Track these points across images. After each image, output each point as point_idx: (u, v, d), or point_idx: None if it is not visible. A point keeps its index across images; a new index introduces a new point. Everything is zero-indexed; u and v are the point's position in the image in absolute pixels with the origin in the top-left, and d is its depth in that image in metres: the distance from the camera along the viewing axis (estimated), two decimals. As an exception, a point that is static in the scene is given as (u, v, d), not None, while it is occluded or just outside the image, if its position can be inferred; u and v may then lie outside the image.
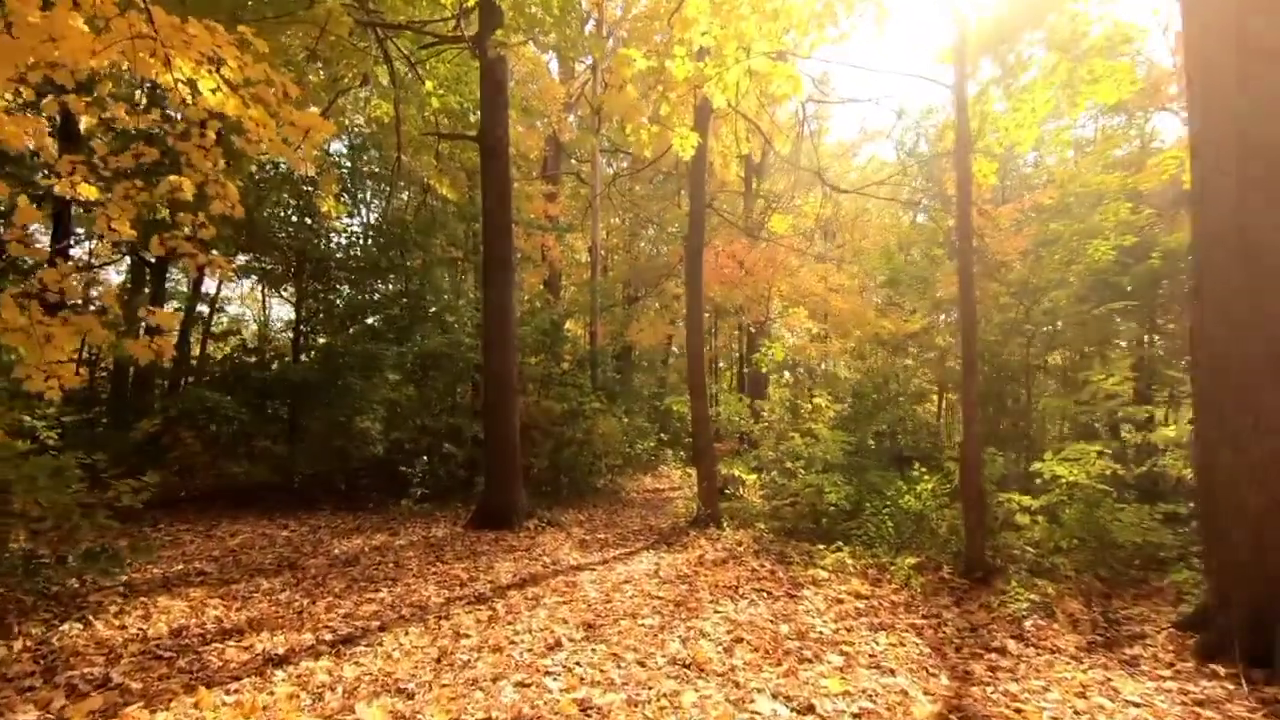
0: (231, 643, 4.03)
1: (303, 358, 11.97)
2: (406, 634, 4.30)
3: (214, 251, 5.16)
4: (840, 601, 5.18)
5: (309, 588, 5.42)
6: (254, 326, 18.69)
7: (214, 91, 4.06)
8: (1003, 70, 10.76)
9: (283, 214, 11.40)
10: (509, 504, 8.27)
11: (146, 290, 13.49)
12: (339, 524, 8.65)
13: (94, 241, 14.97)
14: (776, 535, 7.69)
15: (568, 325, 18.66)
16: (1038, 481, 6.68)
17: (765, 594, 5.35)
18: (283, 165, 11.44)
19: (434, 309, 13.07)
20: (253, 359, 11.98)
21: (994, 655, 4.11)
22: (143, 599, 4.93)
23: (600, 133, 17.59)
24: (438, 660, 3.84)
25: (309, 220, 11.43)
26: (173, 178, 4.78)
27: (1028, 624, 4.66)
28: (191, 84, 4.07)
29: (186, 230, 4.91)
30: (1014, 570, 5.84)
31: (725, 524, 8.17)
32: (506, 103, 8.82)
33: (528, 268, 19.70)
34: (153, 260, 12.19)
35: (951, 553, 6.40)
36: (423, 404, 12.13)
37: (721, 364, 28.41)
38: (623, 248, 24.62)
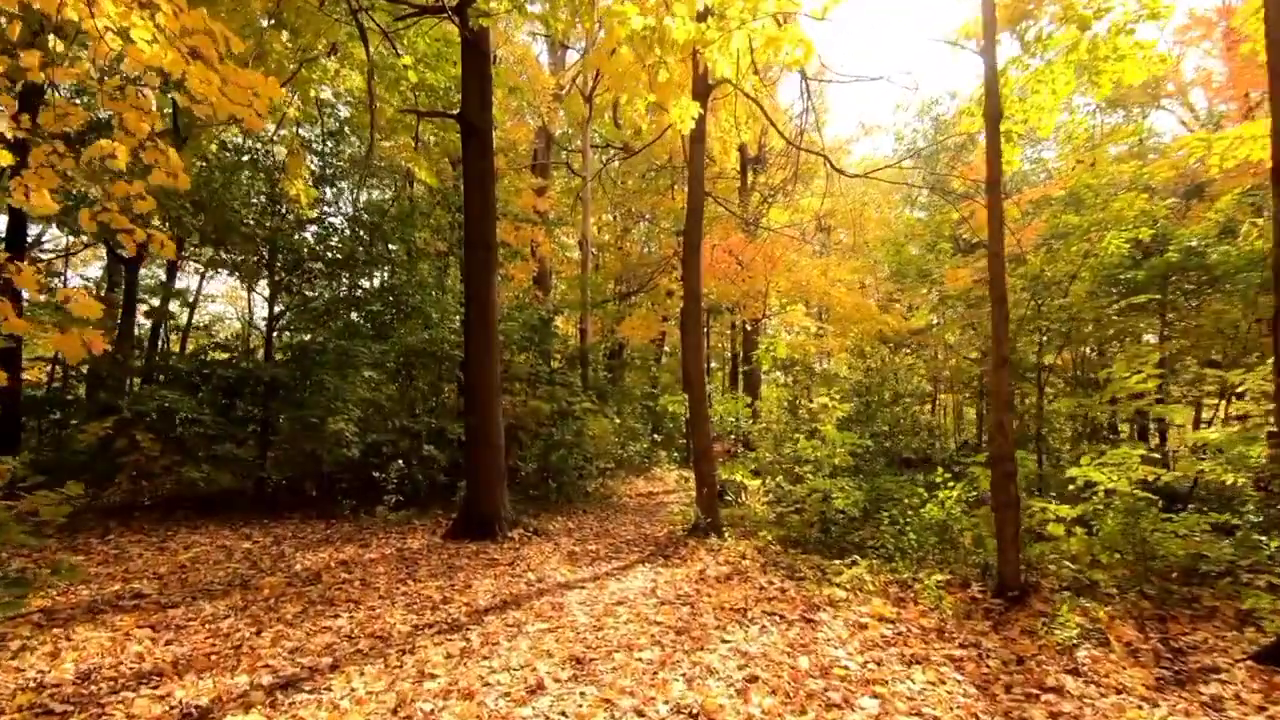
0: (147, 690, 3.36)
1: (277, 355, 11.27)
2: (362, 674, 3.64)
3: (178, 235, 4.46)
4: (863, 627, 4.57)
5: (258, 613, 4.75)
6: (237, 325, 17.91)
7: (150, 43, 3.40)
8: (1022, 47, 10.20)
9: (252, 201, 10.70)
10: (491, 512, 7.61)
11: (121, 286, 12.75)
12: (307, 534, 7.97)
13: (69, 236, 14.22)
14: (783, 546, 7.08)
15: (558, 323, 18.02)
16: (1069, 488, 6.12)
17: (778, 618, 4.73)
18: (250, 144, 10.75)
19: (417, 303, 12.40)
20: (222, 356, 11.26)
21: (1051, 696, 3.50)
22: (58, 630, 4.24)
23: (591, 125, 16.94)
24: (394, 712, 3.19)
25: (281, 208, 10.74)
26: (103, 142, 4.08)
27: (1080, 655, 4.07)
28: (123, 33, 3.41)
29: (118, 206, 4.23)
30: (1051, 588, 5.26)
31: (727, 533, 7.55)
32: (490, 79, 8.16)
33: (516, 263, 19.03)
34: (123, 254, 11.44)
35: (977, 567, 5.81)
36: (404, 404, 11.45)
37: (714, 364, 27.82)
38: (614, 244, 24.01)
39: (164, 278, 16.26)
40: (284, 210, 10.88)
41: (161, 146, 4.40)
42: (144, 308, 13.21)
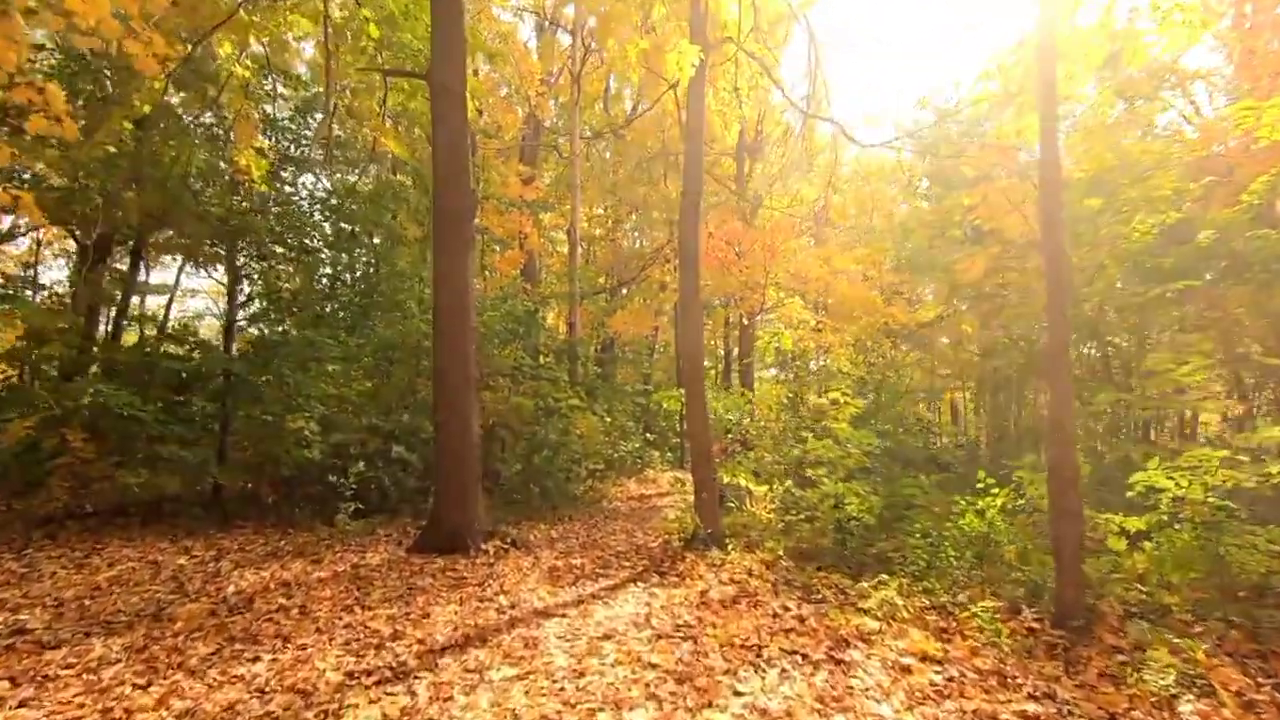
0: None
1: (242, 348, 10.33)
2: (263, 751, 2.76)
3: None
4: (906, 670, 3.71)
5: (158, 655, 3.84)
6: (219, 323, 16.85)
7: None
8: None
9: (206, 179, 9.75)
10: (463, 522, 6.72)
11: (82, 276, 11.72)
12: (255, 547, 7.05)
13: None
14: (793, 560, 6.23)
15: (548, 319, 17.11)
16: (1127, 495, 5.30)
17: (799, 658, 3.87)
18: (206, 118, 9.79)
19: (392, 294, 11.48)
20: (177, 349, 10.29)
21: (1170, 776, 2.67)
22: (-116, 685, 3.32)
23: (579, 106, 16.02)
24: (289, 820, 2.30)
25: (240, 188, 9.77)
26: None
27: (1185, 709, 3.24)
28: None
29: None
30: (1116, 614, 4.43)
31: (730, 544, 6.69)
32: (462, 37, 7.26)
33: (503, 253, 18.12)
34: (86, 241, 10.42)
35: (1022, 586, 4.99)
36: (376, 401, 10.52)
37: (706, 362, 26.94)
38: (606, 237, 23.14)
39: (143, 273, 15.28)
40: (243, 190, 9.93)
41: (38, 83, 3.53)
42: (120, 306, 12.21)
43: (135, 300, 18.92)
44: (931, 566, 5.26)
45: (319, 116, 11.28)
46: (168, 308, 13.74)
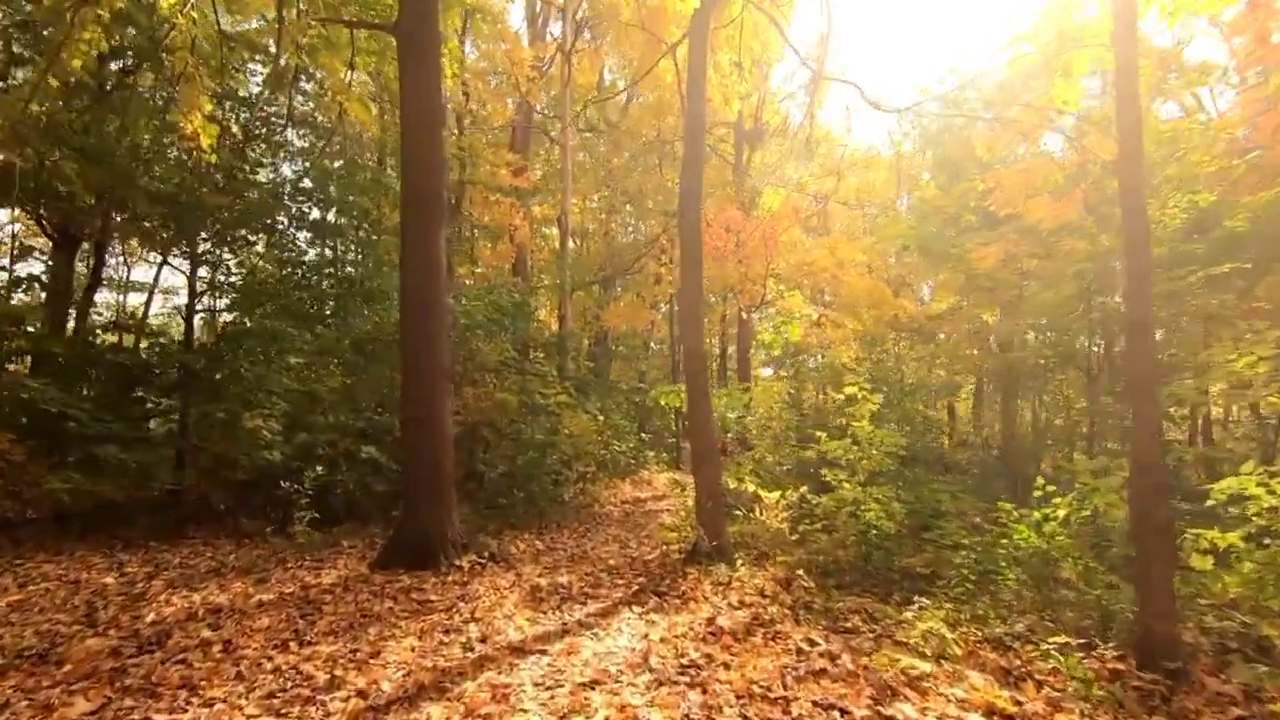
0: None
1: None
2: None
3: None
4: (975, 733, 2.93)
5: (23, 712, 3.01)
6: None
7: None
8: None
9: (154, 149, 8.87)
10: (434, 533, 5.90)
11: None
12: (198, 562, 6.22)
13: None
14: (811, 577, 5.43)
15: (539, 314, 16.27)
16: (1206, 504, 4.55)
17: (838, 714, 3.08)
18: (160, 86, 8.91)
19: (369, 281, 10.64)
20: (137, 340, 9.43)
21: None
22: None
23: (570, 87, 15.21)
24: None
25: (201, 166, 8.89)
26: None
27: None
28: None
29: None
30: (1212, 650, 3.67)
31: (738, 558, 5.90)
32: (435, -19, 6.44)
33: (494, 245, 17.30)
34: (54, 235, 9.49)
35: (1090, 615, 4.22)
36: (347, 398, 9.68)
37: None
38: (600, 231, 22.36)
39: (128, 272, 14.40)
40: (195, 164, 9.03)
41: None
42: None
43: (118, 298, 17.95)
44: (979, 589, 4.48)
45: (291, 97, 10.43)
46: (147, 304, 12.81)
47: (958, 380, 12.12)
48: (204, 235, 9.35)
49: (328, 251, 11.51)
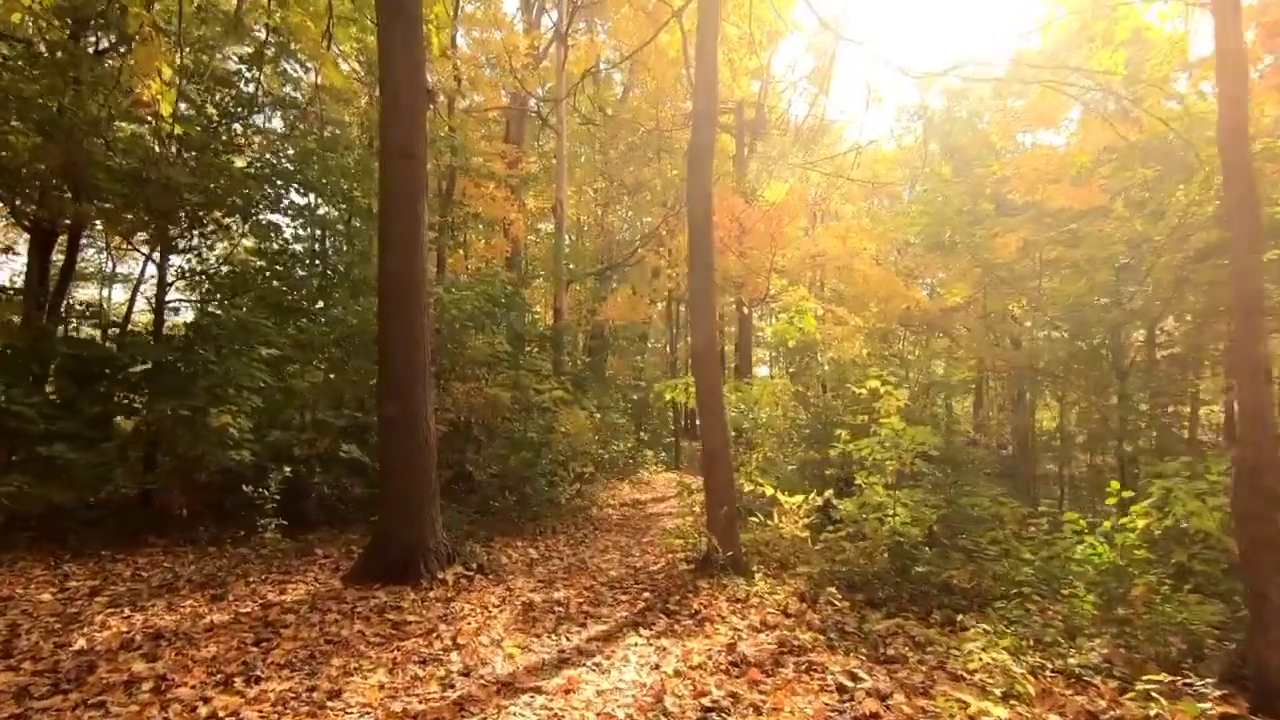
0: None
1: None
2: None
3: None
4: (1082, 807, 2.32)
5: (-126, 787, 2.38)
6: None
7: None
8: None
9: (113, 122, 8.17)
10: (415, 541, 5.27)
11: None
12: (151, 575, 5.57)
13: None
14: (840, 592, 4.83)
15: (535, 308, 15.63)
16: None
17: (904, 780, 2.47)
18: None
19: (350, 268, 9.99)
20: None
21: None
22: None
23: (565, 70, 14.56)
24: None
25: (171, 145, 8.20)
26: None
27: None
28: None
29: None
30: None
31: (755, 570, 5.29)
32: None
33: (488, 237, 16.67)
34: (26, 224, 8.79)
35: (1165, 642, 3.63)
36: (329, 394, 9.03)
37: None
38: (596, 224, 21.73)
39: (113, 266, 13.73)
40: (173, 146, 8.37)
41: None
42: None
43: (101, 292, 17.15)
44: (1040, 610, 3.88)
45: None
46: (131, 299, 12.05)
47: (975, 376, 11.55)
48: (175, 220, 8.68)
49: (312, 241, 10.87)
